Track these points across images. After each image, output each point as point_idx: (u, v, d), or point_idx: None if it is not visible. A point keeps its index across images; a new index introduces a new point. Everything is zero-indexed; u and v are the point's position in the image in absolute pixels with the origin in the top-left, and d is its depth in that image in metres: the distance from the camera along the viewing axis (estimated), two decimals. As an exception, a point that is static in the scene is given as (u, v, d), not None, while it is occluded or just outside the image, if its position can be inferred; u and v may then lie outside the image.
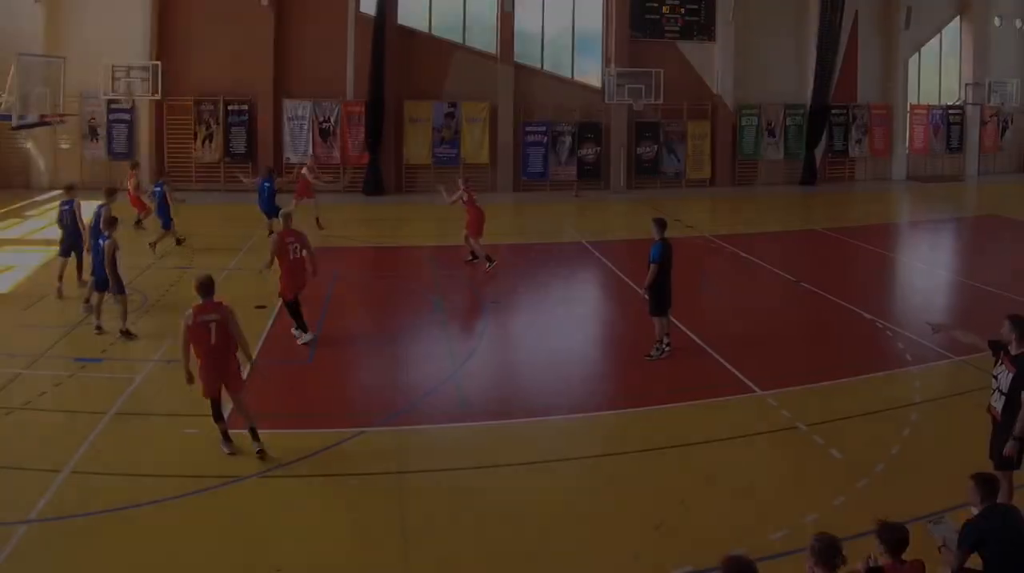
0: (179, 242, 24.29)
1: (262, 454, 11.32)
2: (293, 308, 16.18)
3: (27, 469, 10.97)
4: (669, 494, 10.50)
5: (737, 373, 14.53)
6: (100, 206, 17.93)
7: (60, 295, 19.00)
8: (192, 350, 11.30)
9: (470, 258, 22.68)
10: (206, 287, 11.44)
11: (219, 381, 11.43)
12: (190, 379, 11.35)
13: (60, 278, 19.19)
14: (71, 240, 19.25)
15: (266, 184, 25.31)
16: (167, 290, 19.86)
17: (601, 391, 14.49)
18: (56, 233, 19.61)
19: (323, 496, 10.67)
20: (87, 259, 18.71)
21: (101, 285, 16.66)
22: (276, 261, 16.01)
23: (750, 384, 14.05)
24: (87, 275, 18.83)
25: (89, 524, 9.71)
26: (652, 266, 15.21)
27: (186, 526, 9.72)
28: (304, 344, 16.03)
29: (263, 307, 17.03)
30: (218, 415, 11.58)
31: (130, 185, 25.87)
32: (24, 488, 10.44)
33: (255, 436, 11.46)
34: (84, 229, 18.94)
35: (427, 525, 9.90)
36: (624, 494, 10.65)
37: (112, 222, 16.64)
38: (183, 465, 11.17)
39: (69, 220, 19.19)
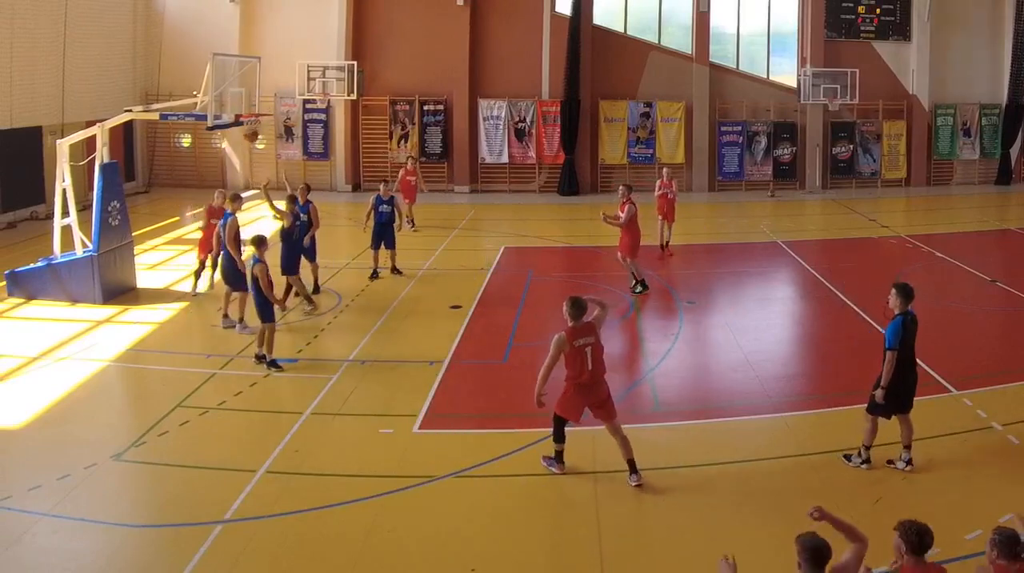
0: None
1: (639, 483, 10.62)
2: None
3: (223, 469, 11.00)
4: (865, 495, 10.35)
5: (932, 372, 13.98)
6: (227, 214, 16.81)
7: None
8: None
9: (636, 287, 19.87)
10: (579, 308, 10.66)
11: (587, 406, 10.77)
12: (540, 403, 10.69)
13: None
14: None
15: (383, 206, 21.10)
16: (361, 291, 20.12)
17: (796, 391, 14.21)
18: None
19: (517, 496, 10.59)
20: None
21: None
22: None
23: (945, 384, 13.66)
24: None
25: (284, 524, 9.74)
26: (888, 354, 10.79)
27: (380, 526, 9.70)
28: None
29: (458, 307, 17.06)
30: (560, 435, 11.00)
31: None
32: (220, 488, 10.47)
33: (633, 468, 10.71)
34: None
35: (622, 526, 9.82)
36: (819, 494, 10.22)
37: (260, 241, 14.85)
38: (378, 465, 11.20)
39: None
